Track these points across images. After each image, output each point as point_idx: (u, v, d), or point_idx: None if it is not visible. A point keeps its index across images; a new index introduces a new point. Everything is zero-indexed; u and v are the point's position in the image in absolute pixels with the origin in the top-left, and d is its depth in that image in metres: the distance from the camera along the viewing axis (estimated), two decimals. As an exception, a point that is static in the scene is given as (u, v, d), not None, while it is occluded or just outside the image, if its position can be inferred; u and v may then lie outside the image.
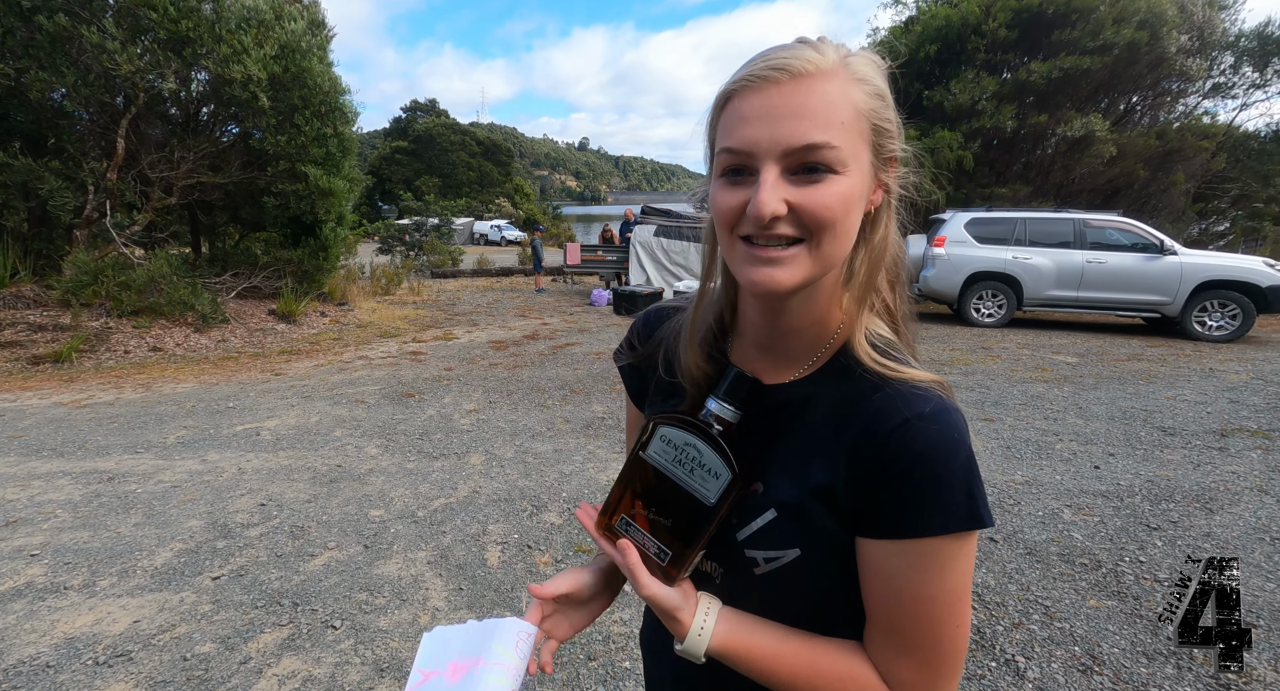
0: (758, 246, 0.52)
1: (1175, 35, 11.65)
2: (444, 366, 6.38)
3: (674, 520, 0.58)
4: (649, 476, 0.60)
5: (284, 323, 8.19)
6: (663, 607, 0.56)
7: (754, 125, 0.50)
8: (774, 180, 0.49)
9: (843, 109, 0.50)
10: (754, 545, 0.58)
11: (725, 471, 0.56)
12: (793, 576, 0.57)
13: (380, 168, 50.29)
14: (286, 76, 7.44)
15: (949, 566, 0.52)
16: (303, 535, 2.91)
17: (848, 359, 0.58)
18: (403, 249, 17.84)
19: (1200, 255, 8.33)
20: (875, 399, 0.55)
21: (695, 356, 0.64)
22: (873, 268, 0.57)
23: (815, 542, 0.56)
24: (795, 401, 0.60)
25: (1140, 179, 12.61)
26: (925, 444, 0.51)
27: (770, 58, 0.51)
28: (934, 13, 13.29)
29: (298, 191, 8.09)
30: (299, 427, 4.43)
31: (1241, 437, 4.10)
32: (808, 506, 0.56)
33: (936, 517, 0.51)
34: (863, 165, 0.52)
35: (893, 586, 0.53)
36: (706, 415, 0.59)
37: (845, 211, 0.51)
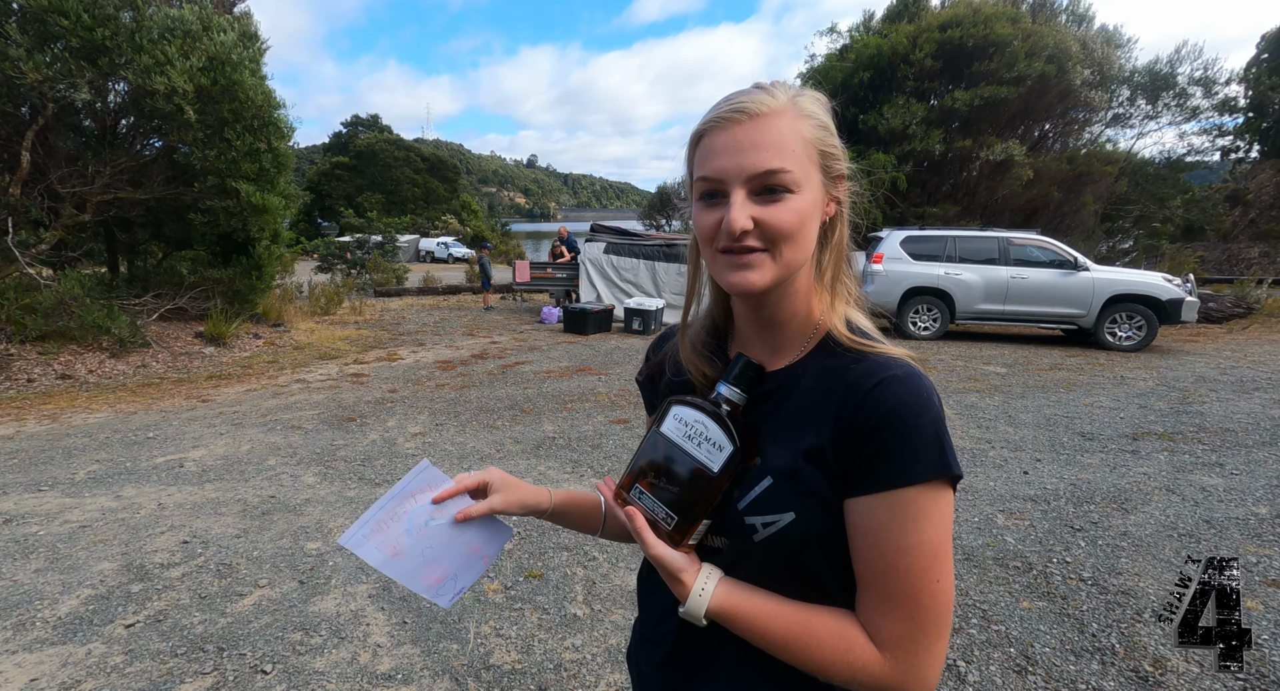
0: (734, 254, 0.62)
1: (1079, 69, 12.70)
2: (388, 388, 6.16)
3: (681, 489, 0.65)
4: (663, 450, 0.67)
5: (213, 346, 7.74)
6: (667, 567, 0.63)
7: (722, 157, 0.61)
8: (741, 200, 0.60)
9: (793, 140, 0.60)
10: (753, 512, 0.63)
11: (728, 444, 0.63)
12: (789, 541, 0.62)
13: (320, 183, 48.61)
14: (215, 89, 7.12)
15: (924, 517, 0.57)
16: (230, 573, 2.72)
17: (832, 342, 0.67)
18: (344, 267, 17.22)
19: (1109, 271, 9.01)
20: (855, 368, 0.63)
21: (690, 356, 0.74)
22: (838, 264, 0.69)
23: (809, 506, 0.61)
24: (788, 383, 0.68)
25: (1055, 200, 13.58)
26: (898, 398, 0.59)
27: (733, 102, 0.62)
28: (866, 42, 14.03)
29: (228, 208, 7.71)
30: (228, 457, 4.17)
31: (1150, 441, 4.42)
32: (801, 470, 0.62)
33: (910, 466, 0.57)
34: (814, 184, 0.63)
35: (875, 540, 0.59)
36: (716, 397, 0.67)
37: (800, 223, 0.61)
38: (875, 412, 0.59)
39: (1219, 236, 28.08)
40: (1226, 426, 4.70)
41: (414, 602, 2.51)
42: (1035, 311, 9.15)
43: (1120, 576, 2.59)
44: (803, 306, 0.68)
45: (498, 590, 2.61)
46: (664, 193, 21.20)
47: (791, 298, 0.67)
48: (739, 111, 0.60)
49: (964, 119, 13.13)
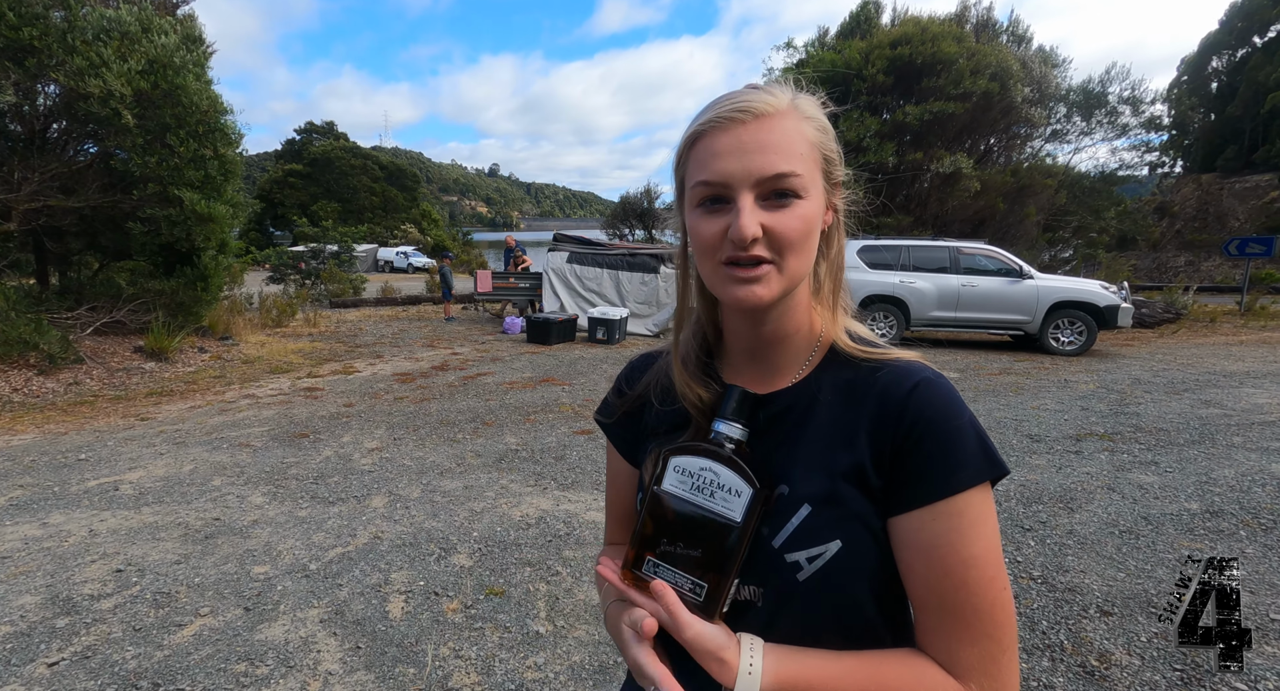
0: (739, 267, 0.57)
1: (1020, 87, 13.35)
2: (343, 403, 5.96)
3: (704, 550, 0.57)
4: (668, 511, 0.59)
5: (154, 361, 7.36)
6: (707, 648, 0.54)
7: (726, 159, 0.56)
8: (750, 206, 0.55)
9: (800, 142, 0.57)
10: (793, 547, 0.57)
11: (746, 487, 0.56)
12: (838, 575, 0.56)
13: (272, 191, 47.11)
14: (156, 93, 6.82)
15: (981, 522, 0.54)
16: (169, 602, 2.57)
17: (840, 355, 0.64)
18: (297, 278, 16.68)
19: (1052, 279, 9.44)
20: (880, 377, 0.60)
21: (685, 378, 0.67)
22: (835, 276, 0.66)
23: (854, 531, 0.57)
24: (802, 402, 0.63)
25: (1000, 211, 14.20)
26: (938, 402, 0.57)
27: (734, 101, 0.57)
28: (821, 57, 14.45)
29: (171, 217, 7.37)
30: (168, 479, 3.96)
31: (1092, 441, 4.62)
32: (840, 492, 0.58)
33: (961, 472, 0.54)
34: (818, 190, 0.59)
35: (936, 557, 0.54)
36: (717, 436, 0.60)
37: (808, 231, 0.58)
38: (918, 419, 0.56)
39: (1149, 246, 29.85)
40: (1160, 426, 4.96)
41: (367, 626, 2.42)
42: (985, 318, 9.51)
43: (1067, 574, 2.69)
44: (804, 320, 0.65)
45: (457, 609, 2.54)
46: (627, 202, 21.27)
47: (793, 311, 0.63)
48: (742, 111, 0.56)
49: (915, 133, 13.63)
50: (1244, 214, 32.11)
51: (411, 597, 2.62)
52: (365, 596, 2.63)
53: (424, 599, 2.61)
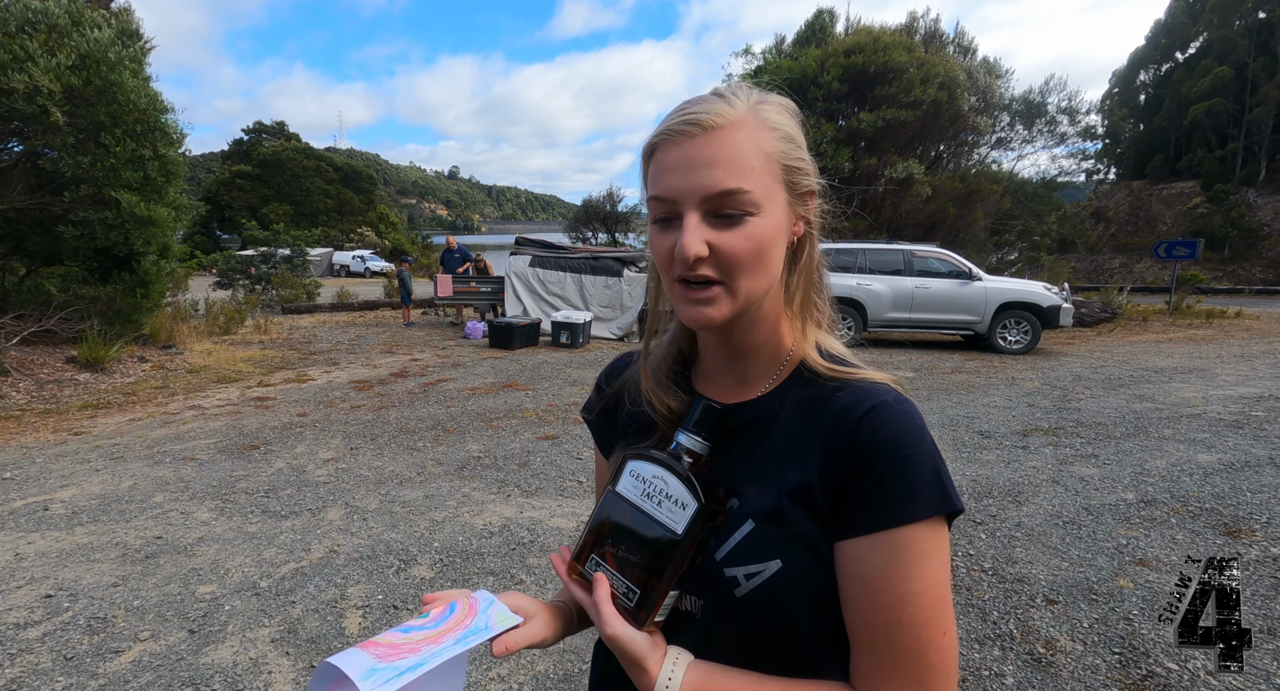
0: (691, 287, 0.56)
1: (967, 96, 13.89)
2: (297, 412, 5.76)
3: (642, 556, 0.56)
4: (620, 512, 0.59)
5: (89, 372, 6.96)
6: (628, 651, 0.54)
7: (674, 175, 0.55)
8: (696, 224, 0.54)
9: (752, 156, 0.54)
10: (734, 561, 0.56)
11: (691, 501, 0.55)
12: (776, 594, 0.55)
13: (219, 193, 45.22)
14: (89, 90, 6.47)
15: (925, 559, 0.52)
16: (105, 628, 2.43)
17: (807, 370, 0.62)
18: (247, 283, 16.04)
19: (999, 281, 9.85)
20: (840, 396, 0.58)
21: (652, 386, 0.66)
22: (807, 287, 0.63)
23: (796, 551, 0.55)
24: (764, 415, 0.62)
25: (950, 215, 14.73)
26: (893, 427, 0.54)
27: (685, 113, 0.55)
28: (779, 64, 14.74)
29: (107, 220, 6.98)
30: (105, 496, 3.74)
31: (1038, 436, 4.83)
32: (785, 510, 0.56)
33: (910, 502, 0.52)
34: (779, 203, 0.56)
35: (873, 589, 0.52)
36: (676, 447, 0.59)
37: (759, 250, 0.55)
38: (869, 443, 0.54)
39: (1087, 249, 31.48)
40: (1099, 421, 5.22)
41: (322, 644, 2.33)
42: (937, 318, 9.84)
43: (1015, 565, 2.80)
44: (772, 333, 0.63)
45: (417, 623, 2.47)
46: (589, 206, 21.22)
47: (760, 325, 0.62)
48: (692, 124, 0.54)
49: (869, 139, 14.04)
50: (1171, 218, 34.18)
51: (369, 612, 2.55)
52: (320, 613, 2.54)
53: (382, 613, 2.54)
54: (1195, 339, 10.49)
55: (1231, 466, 4.00)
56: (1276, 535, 3.04)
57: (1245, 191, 32.45)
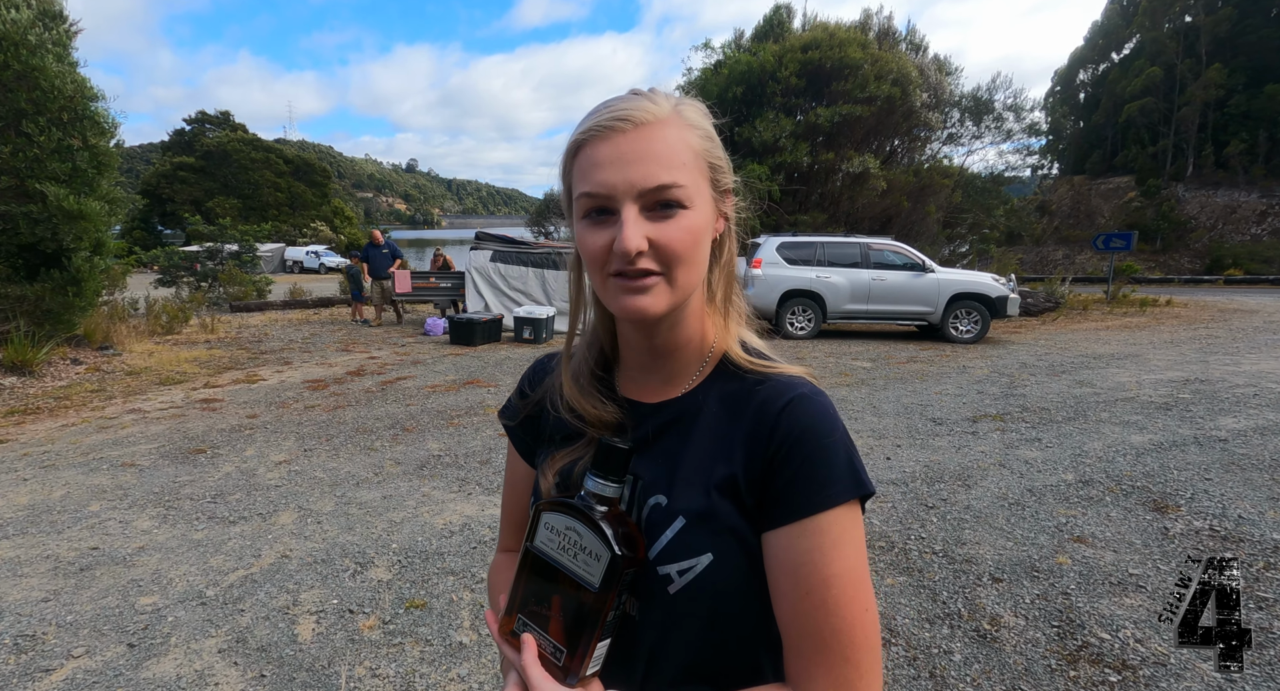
0: (627, 278, 0.56)
1: (919, 93, 14.26)
2: (246, 414, 5.54)
3: (564, 613, 0.55)
4: (538, 568, 0.58)
5: (15, 375, 6.54)
6: None
7: (608, 170, 0.54)
8: (634, 218, 0.54)
9: (683, 152, 0.56)
10: (665, 559, 0.57)
11: (605, 551, 0.54)
12: (708, 590, 0.56)
13: (159, 186, 43.08)
14: (7, 75, 6.05)
15: (844, 541, 0.54)
16: (34, 646, 2.30)
17: (729, 366, 0.64)
18: (191, 280, 15.32)
19: (951, 273, 10.18)
20: (760, 391, 0.60)
21: (574, 393, 0.66)
22: (728, 283, 0.65)
23: (726, 544, 0.57)
24: (689, 412, 0.63)
25: (905, 209, 15.14)
26: (808, 419, 0.57)
27: (613, 109, 0.56)
28: (738, 58, 14.84)
29: (31, 214, 6.56)
30: (34, 507, 3.53)
31: (986, 422, 5.03)
32: (715, 505, 0.57)
33: (827, 489, 0.54)
34: (705, 199, 0.58)
35: (799, 576, 0.54)
36: (584, 495, 0.57)
37: (694, 243, 0.56)
38: (789, 435, 0.56)
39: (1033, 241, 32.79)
40: (1043, 405, 5.46)
41: (273, 652, 2.26)
42: (893, 310, 10.12)
43: (964, 546, 2.91)
44: (696, 330, 0.64)
45: (374, 626, 2.42)
46: (551, 200, 21.03)
47: (686, 321, 0.62)
48: (622, 120, 0.54)
49: (827, 134, 14.28)
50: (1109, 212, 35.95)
51: (324, 617, 2.48)
52: (271, 620, 2.46)
53: (337, 618, 2.47)
54: (1130, 326, 11.07)
55: (1160, 446, 4.24)
56: (1199, 509, 3.24)
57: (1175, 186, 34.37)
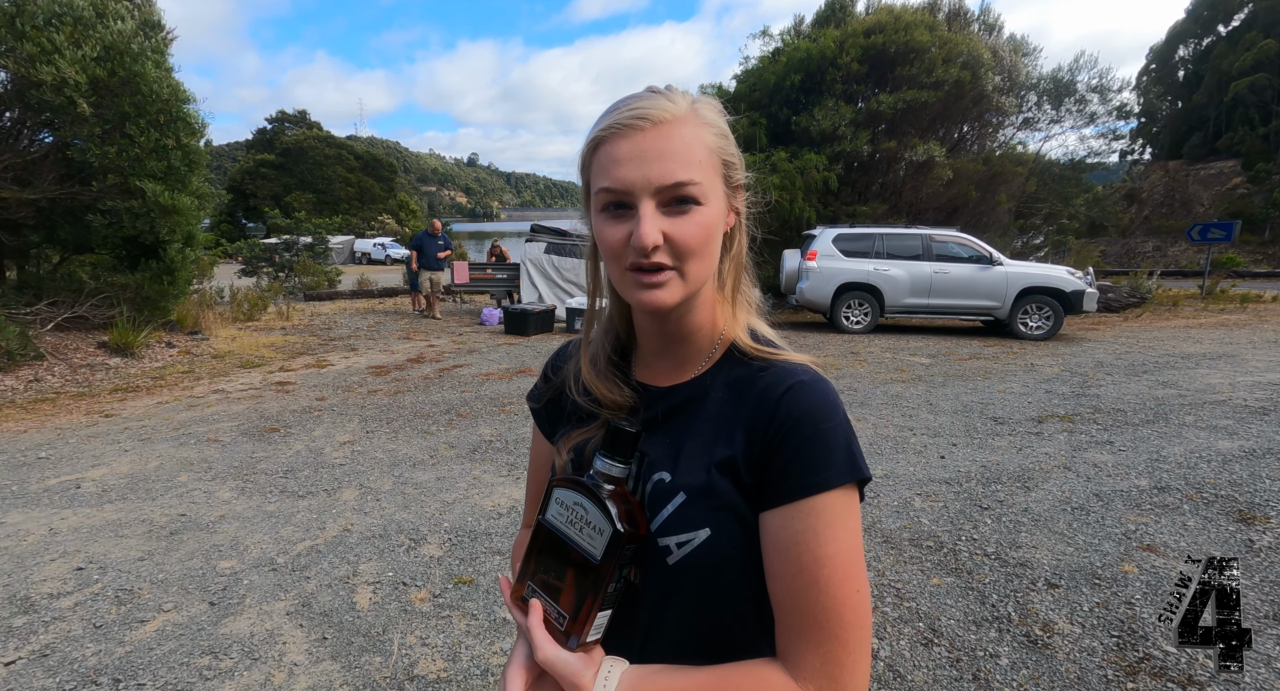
0: (643, 273, 0.58)
1: (991, 76, 13.49)
2: (315, 396, 5.90)
3: (569, 581, 0.60)
4: (548, 539, 0.62)
5: (119, 356, 7.20)
6: (560, 672, 0.57)
7: (627, 167, 0.56)
8: (651, 213, 0.56)
9: (698, 149, 0.58)
10: (666, 532, 0.60)
11: (608, 527, 0.57)
12: (705, 560, 0.59)
13: (243, 182, 45.96)
14: (113, 81, 6.62)
15: (840, 523, 0.56)
16: (131, 599, 2.55)
17: (736, 353, 0.66)
18: (270, 270, 16.35)
19: (1021, 265, 9.64)
20: (763, 376, 0.63)
21: (592, 378, 0.70)
22: (737, 274, 0.68)
23: (724, 521, 0.59)
24: (697, 395, 0.66)
25: (973, 199, 14.38)
26: (808, 403, 0.59)
27: (632, 107, 0.58)
28: (797, 45, 14.43)
29: (133, 209, 7.17)
30: (133, 476, 3.90)
31: (1053, 422, 4.76)
32: (714, 483, 0.60)
33: (824, 472, 0.56)
34: (719, 195, 0.60)
35: (793, 555, 0.56)
36: (593, 474, 0.61)
37: (708, 238, 0.59)
38: (788, 419, 0.58)
39: (1119, 232, 30.52)
40: (1118, 407, 5.12)
41: (334, 617, 2.43)
42: (956, 304, 9.68)
43: (1020, 550, 2.79)
44: (707, 318, 0.67)
45: (425, 599, 2.55)
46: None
47: (697, 310, 0.65)
48: (641, 118, 0.57)
49: (889, 121, 13.71)
50: (1208, 199, 32.97)
51: (380, 588, 2.63)
52: (333, 588, 2.63)
53: (392, 589, 2.62)
54: (1227, 324, 10.18)
55: (1253, 453, 3.91)
56: (1294, 523, 2.98)
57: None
